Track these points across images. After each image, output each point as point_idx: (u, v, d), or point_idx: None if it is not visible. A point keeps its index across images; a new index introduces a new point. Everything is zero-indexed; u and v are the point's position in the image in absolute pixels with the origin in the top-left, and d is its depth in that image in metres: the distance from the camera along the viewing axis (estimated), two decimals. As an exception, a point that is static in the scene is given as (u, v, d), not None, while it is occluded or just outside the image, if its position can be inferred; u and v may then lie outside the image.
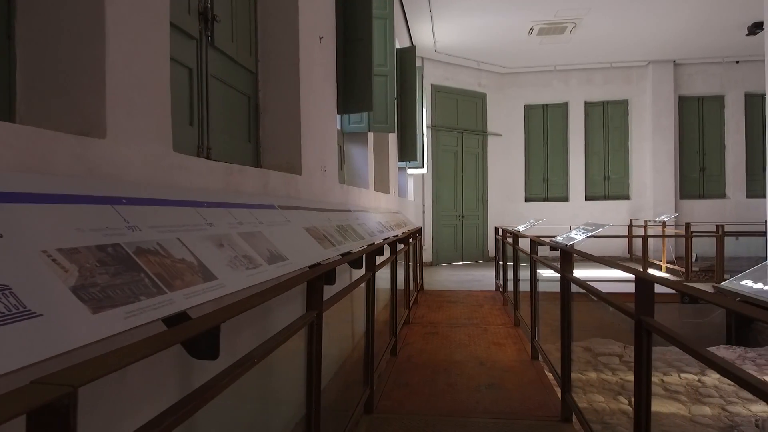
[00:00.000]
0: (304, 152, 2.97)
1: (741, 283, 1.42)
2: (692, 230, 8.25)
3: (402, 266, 5.61)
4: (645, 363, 1.77)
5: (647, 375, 1.78)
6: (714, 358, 1.26)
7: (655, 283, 1.74)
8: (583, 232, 3.50)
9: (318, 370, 1.83)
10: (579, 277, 2.87)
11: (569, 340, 2.97)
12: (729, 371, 1.18)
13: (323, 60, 3.43)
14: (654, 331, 1.68)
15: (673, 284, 1.52)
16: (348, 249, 2.66)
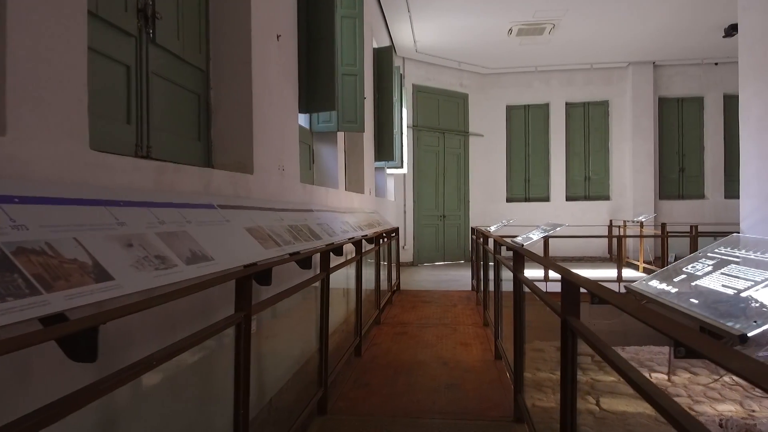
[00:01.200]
0: (258, 151, 2.94)
1: (649, 283, 1.41)
2: (668, 230, 8.30)
3: (372, 266, 5.59)
4: (570, 362, 1.76)
5: (572, 374, 1.78)
6: (616, 360, 1.26)
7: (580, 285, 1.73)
8: (542, 232, 3.49)
9: (246, 372, 1.81)
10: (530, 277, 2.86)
11: (522, 340, 2.97)
12: (626, 373, 1.17)
13: (282, 58, 3.40)
14: (575, 331, 1.68)
15: (588, 285, 1.52)
16: (298, 249, 2.64)
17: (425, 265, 11.21)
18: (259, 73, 2.97)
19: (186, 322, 2.06)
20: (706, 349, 0.76)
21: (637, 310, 1.07)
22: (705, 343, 0.78)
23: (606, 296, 1.29)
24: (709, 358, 0.75)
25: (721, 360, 0.72)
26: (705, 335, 0.84)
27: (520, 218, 11.57)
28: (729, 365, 0.69)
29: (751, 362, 0.68)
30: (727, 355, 0.73)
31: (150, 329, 1.81)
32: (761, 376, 0.62)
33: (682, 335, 0.86)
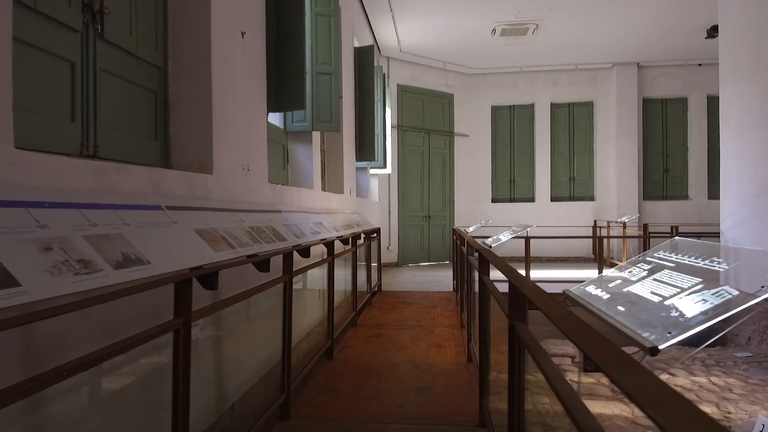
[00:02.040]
0: (219, 151, 2.88)
1: (586, 288, 1.37)
2: (650, 231, 8.31)
3: (349, 267, 5.53)
4: (517, 368, 1.71)
5: (520, 380, 1.73)
6: (547, 369, 1.21)
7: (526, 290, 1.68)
8: (511, 234, 3.45)
9: (186, 380, 1.75)
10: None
11: (488, 342, 2.92)
12: (553, 383, 1.12)
13: (247, 56, 3.33)
14: (520, 336, 1.63)
15: (529, 289, 1.46)
16: (255, 251, 2.58)
17: (410, 266, 11.16)
18: (220, 71, 2.91)
19: (132, 329, 1.99)
20: (606, 365, 0.71)
21: (560, 318, 1.02)
22: (607, 358, 0.73)
23: (539, 302, 1.24)
24: (607, 375, 0.70)
25: (617, 377, 0.67)
26: (611, 348, 0.79)
27: (505, 219, 11.56)
28: (623, 384, 0.64)
29: (647, 382, 0.63)
30: (624, 373, 0.68)
31: (88, 335, 1.74)
32: (647, 401, 0.57)
33: (589, 347, 0.81)
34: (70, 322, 1.67)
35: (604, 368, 0.71)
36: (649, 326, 0.89)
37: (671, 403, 0.55)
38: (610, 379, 0.69)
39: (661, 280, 1.14)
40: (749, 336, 6.73)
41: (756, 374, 5.71)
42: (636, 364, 0.70)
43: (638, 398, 0.58)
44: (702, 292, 0.92)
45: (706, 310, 0.83)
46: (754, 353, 6.43)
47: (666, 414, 0.52)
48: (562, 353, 6.53)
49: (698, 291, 0.95)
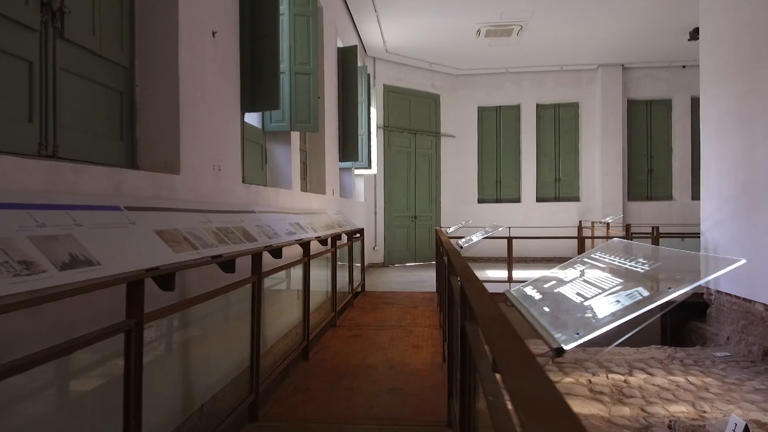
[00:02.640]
0: (186, 151, 2.86)
1: (524, 289, 1.37)
2: (633, 232, 8.36)
3: (328, 268, 5.52)
4: (469, 367, 1.71)
5: (471, 379, 1.73)
6: (480, 368, 1.21)
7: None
8: (483, 234, 3.47)
9: (138, 383, 1.74)
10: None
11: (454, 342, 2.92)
12: (483, 382, 1.12)
13: (218, 56, 3.32)
14: (467, 337, 1.63)
15: (473, 291, 1.46)
16: (221, 252, 2.57)
17: (396, 266, 11.16)
18: (188, 71, 2.89)
19: (87, 330, 1.97)
20: (503, 364, 0.72)
21: (485, 319, 1.02)
22: (506, 359, 0.74)
23: (474, 303, 1.24)
24: (501, 374, 0.70)
25: (506, 377, 0.67)
26: (516, 349, 0.79)
27: (491, 219, 11.59)
28: (508, 384, 0.64)
29: (533, 384, 0.64)
30: (515, 374, 0.68)
31: (39, 337, 1.73)
32: (522, 402, 0.58)
33: (495, 348, 0.81)
34: (22, 324, 1.65)
35: (500, 367, 0.71)
36: (563, 327, 0.89)
37: (546, 406, 0.55)
38: (502, 378, 0.69)
39: (589, 281, 1.15)
40: (728, 336, 6.80)
41: (733, 374, 5.77)
42: (532, 366, 0.70)
43: (514, 398, 0.58)
44: (618, 293, 0.93)
45: (615, 311, 0.84)
46: (732, 353, 6.49)
47: (534, 415, 0.52)
48: (542, 353, 6.55)
49: (616, 292, 0.96)
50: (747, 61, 6.34)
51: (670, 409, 4.84)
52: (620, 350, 6.64)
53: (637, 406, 4.93)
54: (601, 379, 5.67)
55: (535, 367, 0.69)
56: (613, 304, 0.90)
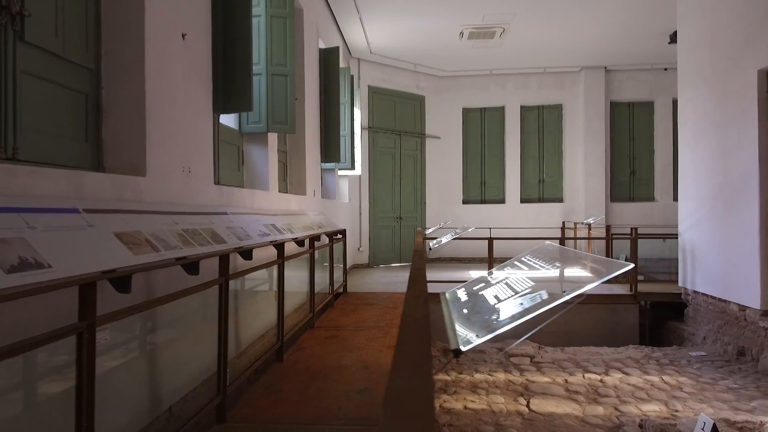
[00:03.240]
0: (153, 153, 2.87)
1: (457, 291, 1.39)
2: (612, 233, 8.45)
3: (307, 268, 5.53)
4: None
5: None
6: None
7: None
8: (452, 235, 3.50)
9: (90, 385, 1.75)
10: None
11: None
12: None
13: (189, 58, 3.33)
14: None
15: (411, 292, 1.49)
16: (186, 254, 2.58)
17: (381, 267, 11.19)
18: (156, 73, 2.90)
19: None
20: (396, 363, 0.74)
21: (407, 319, 1.05)
22: (401, 359, 0.77)
23: (406, 304, 1.27)
24: (390, 375, 0.73)
25: (392, 376, 0.70)
26: (418, 350, 0.82)
27: (476, 220, 11.66)
28: (390, 383, 0.67)
29: (411, 385, 0.66)
30: (401, 373, 0.71)
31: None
32: (390, 401, 0.60)
33: (400, 348, 0.84)
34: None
35: (392, 367, 0.74)
36: (471, 328, 0.92)
37: (409, 407, 0.58)
38: (388, 377, 0.72)
39: (509, 283, 1.18)
40: (704, 335, 6.89)
41: (707, 373, 5.85)
42: (422, 368, 0.73)
43: (386, 397, 0.61)
44: (526, 296, 0.96)
45: (514, 313, 0.87)
46: (708, 352, 6.58)
47: (393, 414, 0.55)
48: (522, 353, 6.62)
49: (524, 295, 0.99)
50: (722, 65, 6.44)
51: (643, 408, 4.91)
52: (598, 350, 6.71)
53: (611, 405, 4.99)
54: (578, 378, 5.74)
55: (424, 370, 0.71)
56: (517, 307, 0.93)
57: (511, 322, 0.85)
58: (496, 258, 11.33)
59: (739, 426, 4.44)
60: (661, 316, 7.99)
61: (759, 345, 5.82)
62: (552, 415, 4.81)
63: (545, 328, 5.78)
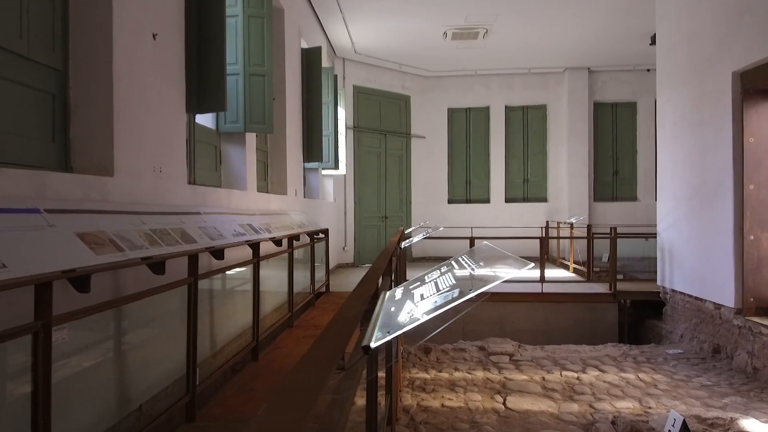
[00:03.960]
0: (122, 153, 2.88)
1: (397, 291, 1.40)
2: (593, 232, 8.54)
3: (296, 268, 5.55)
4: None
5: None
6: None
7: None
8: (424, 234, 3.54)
9: (47, 385, 1.76)
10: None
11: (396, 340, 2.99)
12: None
13: (160, 58, 3.34)
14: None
15: (354, 290, 1.52)
16: (152, 254, 2.59)
17: (366, 266, 11.21)
18: (124, 73, 2.91)
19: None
20: (305, 358, 0.78)
21: (336, 319, 1.08)
22: (313, 354, 0.80)
23: (345, 306, 1.30)
24: (292, 370, 0.76)
25: (295, 370, 0.73)
26: (331, 347, 0.85)
27: (461, 220, 11.73)
28: (288, 378, 0.70)
29: (305, 380, 0.70)
30: (305, 368, 0.74)
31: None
32: (272, 398, 0.63)
33: (318, 344, 0.87)
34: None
35: (300, 361, 0.77)
36: (387, 326, 0.95)
37: (290, 401, 0.61)
38: (292, 370, 0.75)
39: (437, 282, 1.22)
40: (682, 333, 6.99)
41: (682, 370, 5.93)
42: (324, 366, 0.76)
43: (275, 391, 0.64)
44: (442, 295, 0.99)
45: (427, 310, 0.90)
46: (684, 350, 6.68)
47: (273, 407, 0.58)
48: (501, 351, 6.68)
49: (443, 293, 1.03)
50: (698, 67, 6.53)
51: (617, 405, 4.97)
52: (576, 348, 6.78)
53: (586, 402, 5.05)
54: (555, 376, 5.80)
55: (326, 367, 0.75)
56: (431, 305, 0.97)
57: (418, 320, 0.89)
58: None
59: (709, 422, 4.50)
60: (640, 314, 8.09)
61: (733, 343, 5.92)
62: (527, 412, 4.86)
63: (526, 326, 5.85)
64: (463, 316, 7.98)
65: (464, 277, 1.14)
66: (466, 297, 0.95)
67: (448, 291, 1.02)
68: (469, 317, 7.98)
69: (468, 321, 7.93)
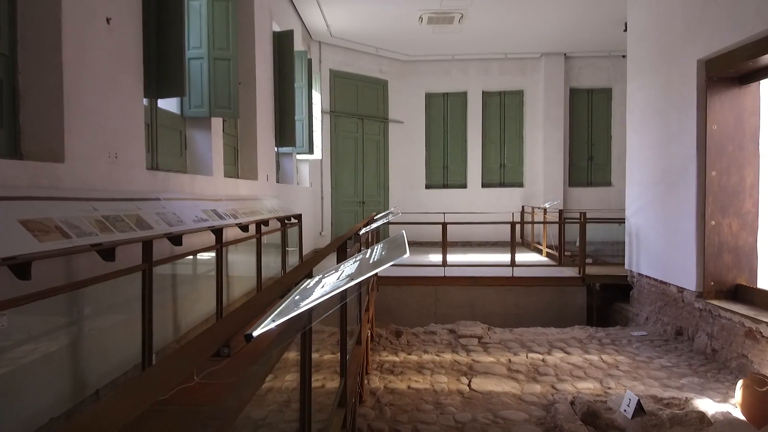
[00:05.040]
0: (73, 139, 2.86)
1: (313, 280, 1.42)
2: (565, 217, 8.67)
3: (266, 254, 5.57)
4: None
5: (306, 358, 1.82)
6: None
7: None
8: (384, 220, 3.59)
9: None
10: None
11: (345, 325, 3.04)
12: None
13: (115, 42, 3.30)
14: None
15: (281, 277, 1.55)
16: (102, 240, 2.60)
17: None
18: (75, 58, 2.88)
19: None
20: (194, 344, 0.81)
21: (245, 307, 1.12)
22: (191, 342, 0.83)
23: (261, 292, 1.33)
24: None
25: (165, 360, 0.77)
26: (208, 335, 0.89)
27: (439, 205, 11.79)
28: (155, 365, 0.73)
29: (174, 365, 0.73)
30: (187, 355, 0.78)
31: None
32: (120, 389, 0.67)
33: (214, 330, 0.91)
34: None
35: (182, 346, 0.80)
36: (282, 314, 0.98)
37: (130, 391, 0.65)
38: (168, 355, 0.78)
39: (343, 270, 1.26)
40: (647, 316, 7.16)
41: (645, 352, 6.09)
42: (196, 352, 0.79)
43: (143, 372, 0.67)
44: (337, 282, 1.03)
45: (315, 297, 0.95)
46: (649, 332, 6.85)
47: (124, 391, 0.62)
48: (471, 334, 6.79)
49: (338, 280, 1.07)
50: (666, 54, 6.61)
51: (578, 386, 5.11)
52: (544, 330, 6.92)
53: (549, 383, 5.18)
54: (521, 358, 5.92)
55: (197, 355, 0.78)
56: (319, 292, 1.01)
57: (304, 306, 0.92)
58: (456, 242, 11.56)
59: (665, 402, 4.64)
60: (609, 297, 8.26)
61: (694, 325, 6.09)
62: (491, 393, 4.97)
63: (497, 310, 5.94)
64: (435, 300, 8.06)
65: (362, 264, 1.18)
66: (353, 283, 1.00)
67: (344, 279, 1.06)
68: (441, 301, 8.09)
69: (440, 304, 8.04)
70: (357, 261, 1.26)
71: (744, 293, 5.67)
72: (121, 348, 3.31)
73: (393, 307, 8.02)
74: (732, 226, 5.79)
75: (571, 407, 4.50)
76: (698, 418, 4.06)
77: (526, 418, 4.41)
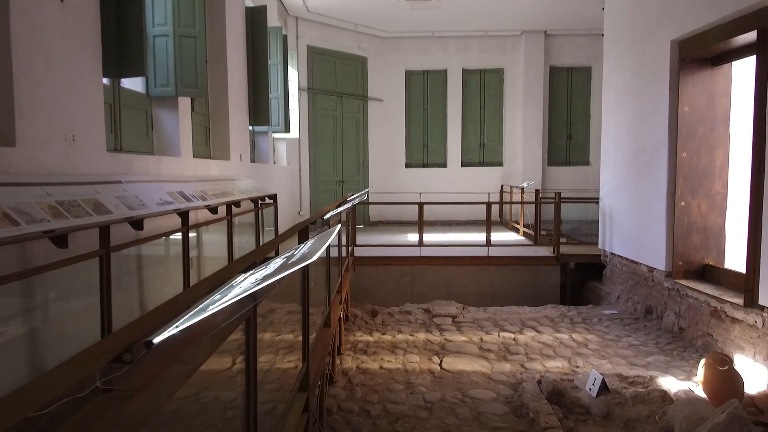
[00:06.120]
0: (25, 122, 2.78)
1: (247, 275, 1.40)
2: (540, 197, 8.72)
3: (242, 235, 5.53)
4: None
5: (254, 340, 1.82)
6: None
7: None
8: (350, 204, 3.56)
9: None
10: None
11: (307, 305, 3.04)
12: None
13: (69, 22, 3.19)
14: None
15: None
16: (55, 227, 2.55)
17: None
18: (25, 38, 2.78)
19: None
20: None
21: (200, 283, 1.10)
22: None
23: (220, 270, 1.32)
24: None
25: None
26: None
27: (419, 184, 11.77)
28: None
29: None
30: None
31: None
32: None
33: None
34: None
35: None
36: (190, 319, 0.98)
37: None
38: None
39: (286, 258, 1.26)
40: (618, 295, 7.28)
41: (614, 330, 6.20)
42: (93, 359, 0.78)
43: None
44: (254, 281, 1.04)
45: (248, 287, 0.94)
46: (619, 311, 6.97)
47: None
48: (445, 313, 6.86)
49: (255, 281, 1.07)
50: (641, 34, 6.59)
51: (547, 364, 5.19)
52: (517, 309, 7.01)
53: (519, 362, 5.26)
54: (493, 337, 6.00)
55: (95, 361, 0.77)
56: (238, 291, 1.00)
57: (205, 312, 0.91)
58: (436, 222, 11.59)
59: (630, 380, 4.74)
60: (584, 276, 8.37)
61: (663, 304, 6.20)
62: (461, 372, 5.04)
63: (472, 289, 5.97)
64: (412, 279, 8.09)
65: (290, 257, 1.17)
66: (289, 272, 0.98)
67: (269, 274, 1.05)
68: (418, 280, 8.14)
69: (416, 284, 8.08)
70: (284, 258, 1.25)
71: (711, 273, 5.78)
72: (83, 334, 3.28)
73: (370, 287, 8.05)
74: (701, 207, 5.86)
75: (537, 386, 4.57)
76: (660, 397, 4.16)
77: (494, 397, 4.49)
